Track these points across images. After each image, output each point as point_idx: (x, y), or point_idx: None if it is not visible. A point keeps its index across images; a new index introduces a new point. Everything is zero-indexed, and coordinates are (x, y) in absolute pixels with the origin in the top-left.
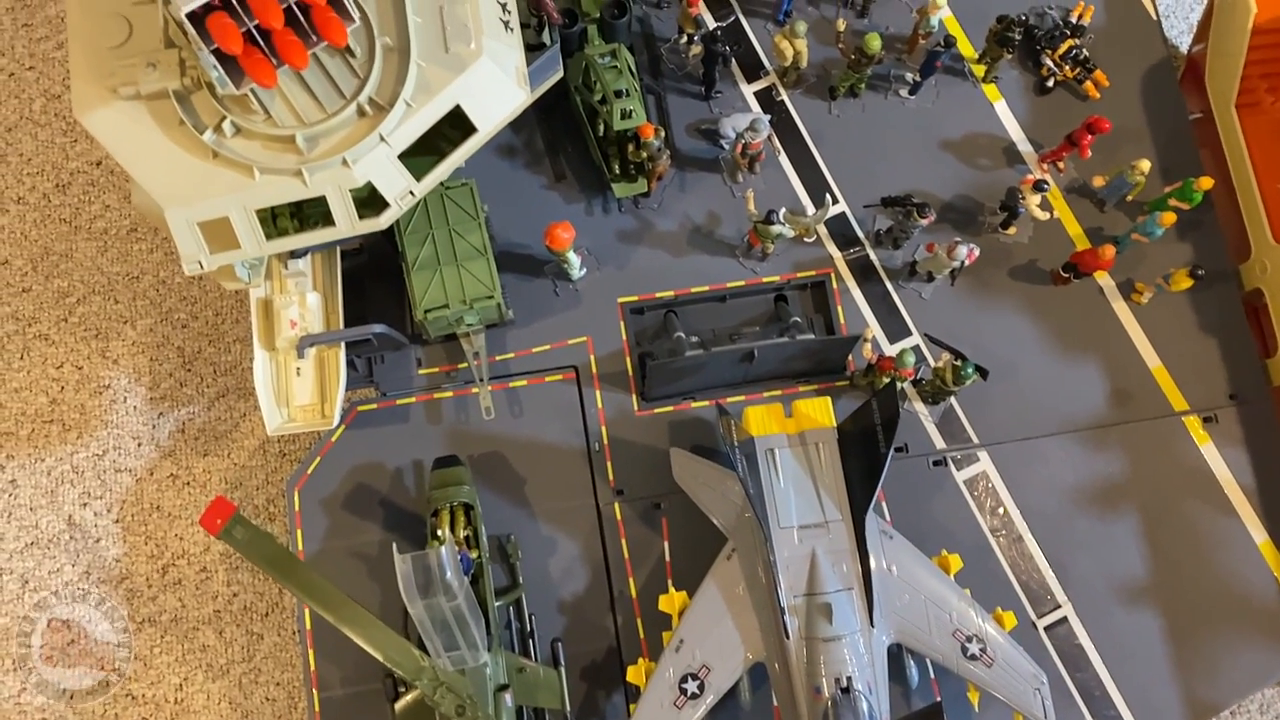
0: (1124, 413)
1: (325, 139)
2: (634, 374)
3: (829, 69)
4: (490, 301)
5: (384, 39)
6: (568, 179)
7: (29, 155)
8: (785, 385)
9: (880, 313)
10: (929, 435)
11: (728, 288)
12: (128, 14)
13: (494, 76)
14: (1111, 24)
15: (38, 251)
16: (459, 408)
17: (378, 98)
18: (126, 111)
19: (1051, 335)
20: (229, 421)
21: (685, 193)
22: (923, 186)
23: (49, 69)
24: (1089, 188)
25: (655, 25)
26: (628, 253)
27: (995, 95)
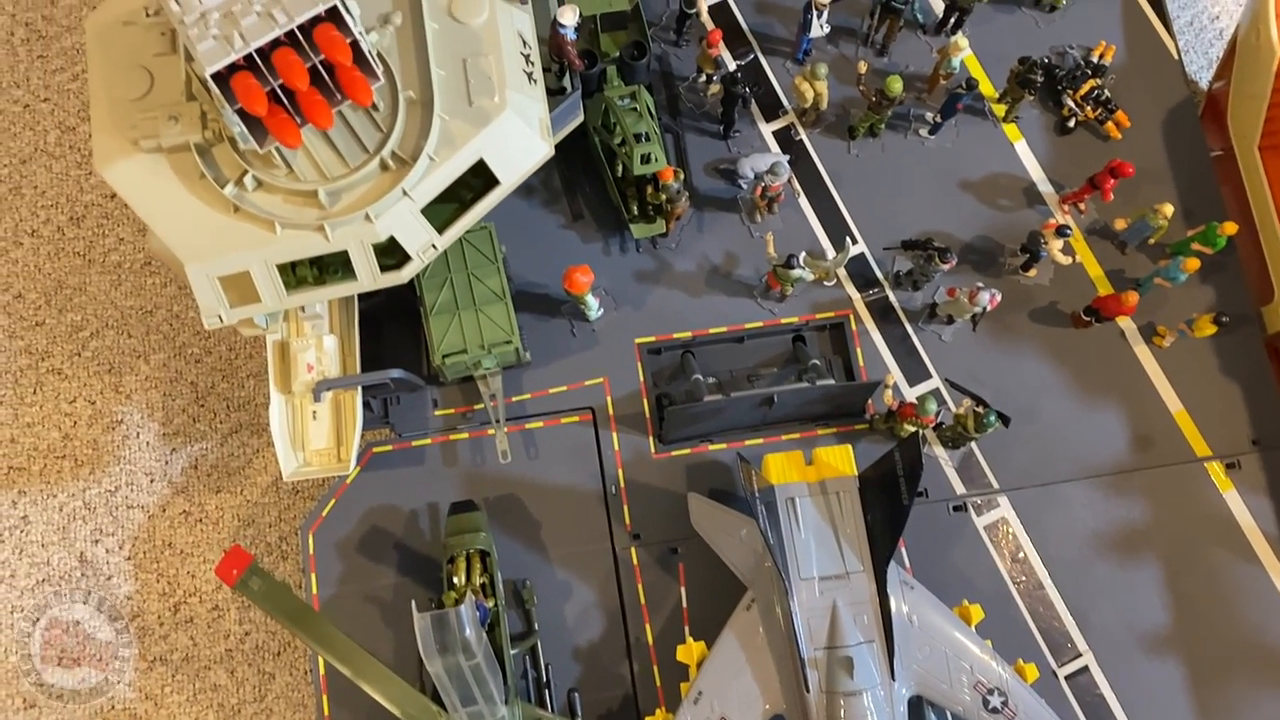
0: (1145, 458)
1: (348, 193)
2: (651, 415)
3: (848, 108)
4: (509, 346)
5: (407, 92)
6: (585, 218)
7: (43, 188)
8: (804, 429)
9: (900, 355)
10: (949, 480)
11: (745, 328)
12: (149, 65)
13: (517, 130)
14: (1133, 63)
15: (51, 285)
16: (475, 450)
17: (401, 151)
18: (148, 165)
19: (1072, 378)
20: (242, 458)
21: (703, 233)
22: (942, 227)
23: (64, 100)
24: (1110, 229)
25: (673, 63)
26: (645, 293)
27: (1016, 135)
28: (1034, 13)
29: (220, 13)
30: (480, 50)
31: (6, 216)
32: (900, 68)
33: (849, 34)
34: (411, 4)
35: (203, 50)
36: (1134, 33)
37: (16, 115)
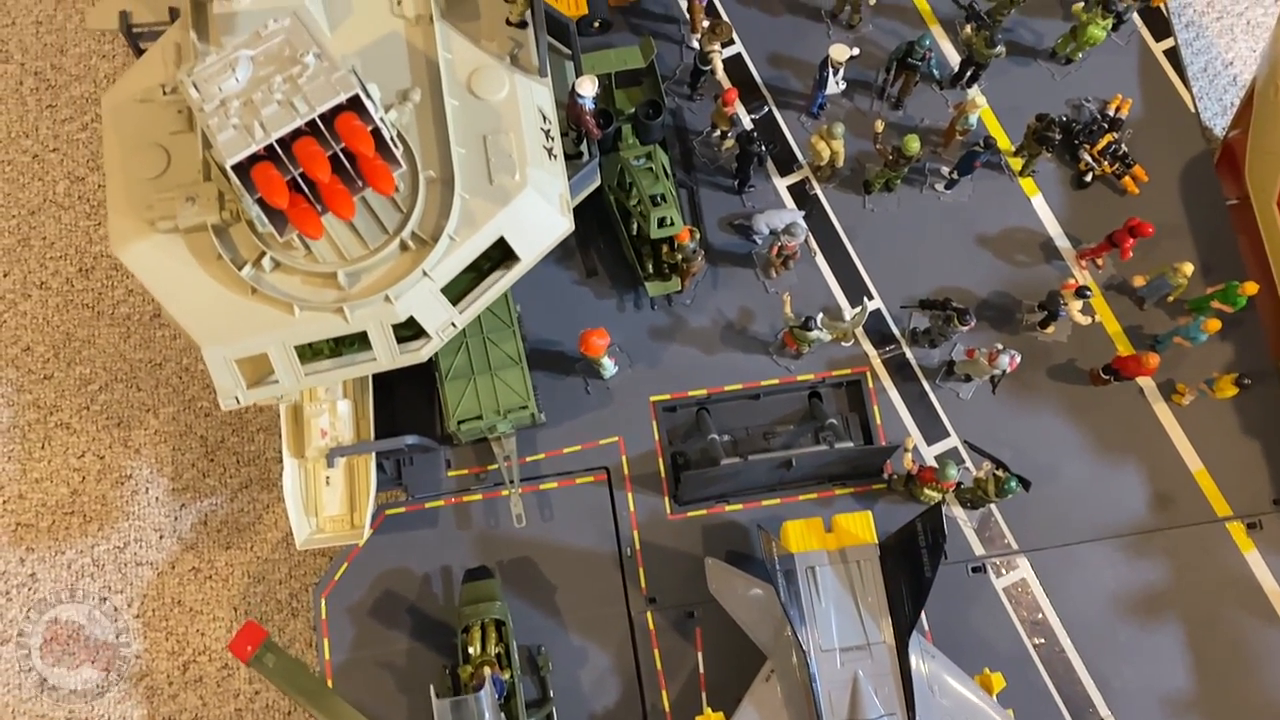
0: (1165, 518)
1: (367, 274)
2: (666, 475)
3: (863, 162)
4: (524, 412)
5: (428, 172)
6: (600, 274)
7: (52, 239)
8: (822, 488)
9: (917, 413)
10: (968, 541)
11: (761, 385)
12: (166, 144)
13: (538, 207)
14: (1149, 116)
15: (60, 338)
16: (489, 511)
17: (421, 231)
18: (164, 246)
19: (1091, 437)
20: (252, 513)
21: (718, 288)
22: (959, 283)
23: (73, 150)
24: (1129, 285)
25: (687, 118)
26: (660, 350)
27: (1032, 189)
28: (1050, 65)
29: (240, 100)
30: (500, 127)
31: (15, 269)
32: (915, 121)
33: (864, 87)
34: (430, 80)
35: (223, 140)
36: (1150, 85)
37: (25, 165)
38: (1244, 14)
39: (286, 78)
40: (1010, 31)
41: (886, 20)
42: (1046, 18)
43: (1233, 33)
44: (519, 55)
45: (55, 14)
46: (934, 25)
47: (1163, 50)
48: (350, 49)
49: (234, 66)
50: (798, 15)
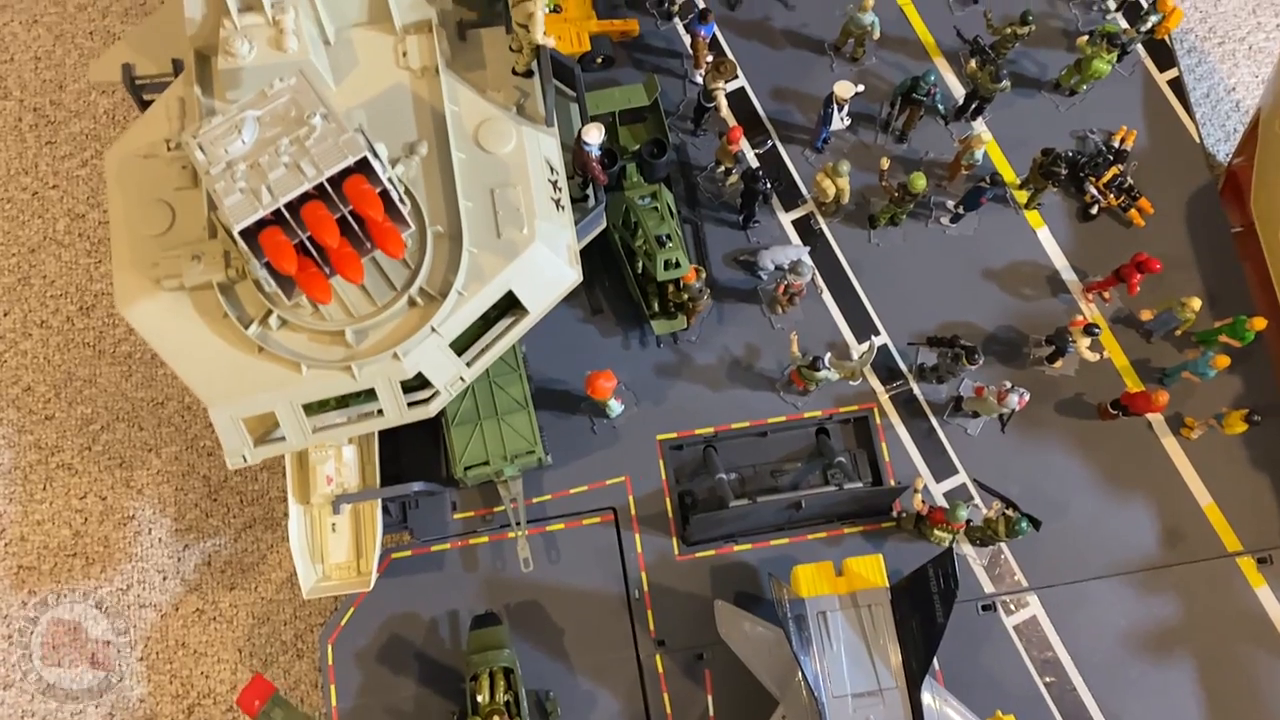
0: (1175, 553)
1: (375, 331)
2: (674, 515)
3: (868, 196)
4: (531, 456)
5: (435, 227)
6: (605, 312)
7: (52, 277)
8: (831, 527)
9: (926, 450)
10: (978, 579)
11: (768, 423)
12: (170, 200)
13: (546, 259)
14: (1154, 147)
15: (61, 377)
16: (495, 554)
17: (429, 287)
18: (169, 304)
19: (1100, 472)
20: (256, 553)
21: (724, 324)
22: (965, 317)
23: (73, 188)
24: (1136, 319)
25: (691, 153)
26: (666, 388)
27: (1038, 222)
28: (1054, 97)
29: (246, 163)
30: (508, 180)
31: (15, 308)
32: (920, 154)
33: (868, 120)
34: (437, 132)
35: (230, 205)
36: (1154, 116)
37: (25, 203)
38: (1246, 39)
39: (293, 139)
40: (1014, 63)
41: (890, 53)
42: (1050, 48)
43: (1235, 58)
44: (525, 105)
45: (54, 50)
46: (937, 57)
47: (1166, 80)
48: (356, 102)
49: (240, 128)
50: (800, 48)
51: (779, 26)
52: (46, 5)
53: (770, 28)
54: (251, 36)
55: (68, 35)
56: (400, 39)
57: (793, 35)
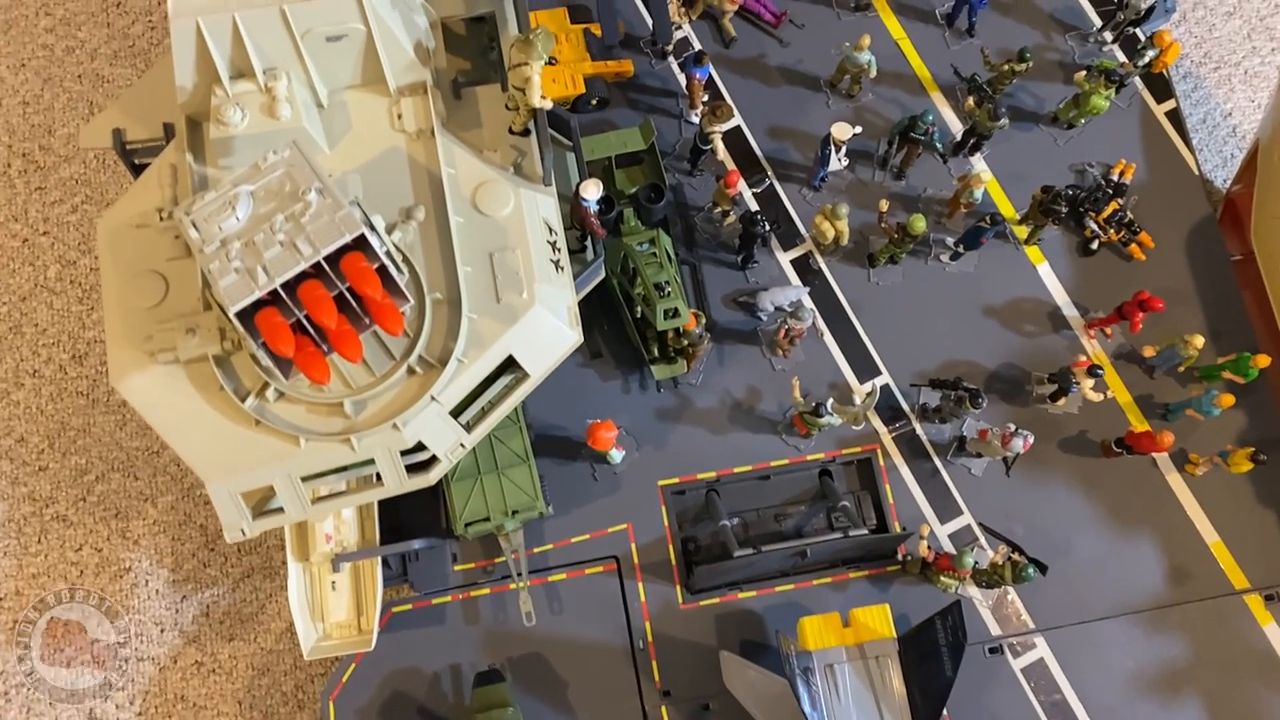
0: (1182, 592)
1: (374, 401)
2: (677, 562)
3: (867, 234)
4: (533, 510)
5: (434, 294)
6: (604, 356)
7: (44, 325)
8: (836, 572)
9: (930, 490)
10: (984, 621)
11: (770, 466)
12: (163, 270)
13: (546, 323)
14: (1153, 180)
15: (54, 427)
16: (497, 606)
17: (428, 355)
18: (164, 378)
19: (1105, 510)
20: (255, 603)
21: (724, 367)
22: (967, 355)
23: (63, 234)
24: (1138, 355)
25: (688, 193)
26: (667, 432)
27: (1038, 257)
28: (1052, 130)
29: (241, 241)
30: (507, 243)
31: (7, 357)
32: (918, 191)
33: (865, 157)
34: (434, 196)
35: (225, 286)
36: (1153, 148)
37: (15, 250)
38: (1241, 64)
39: (289, 215)
40: (1011, 96)
41: (887, 89)
42: (1047, 81)
43: (1231, 83)
44: (522, 164)
45: (42, 94)
46: (934, 92)
47: (1164, 112)
48: (351, 166)
49: (234, 204)
50: (796, 85)
51: (774, 64)
52: (34, 49)
53: (765, 65)
54: (244, 104)
55: (56, 79)
56: (395, 101)
57: (788, 72)
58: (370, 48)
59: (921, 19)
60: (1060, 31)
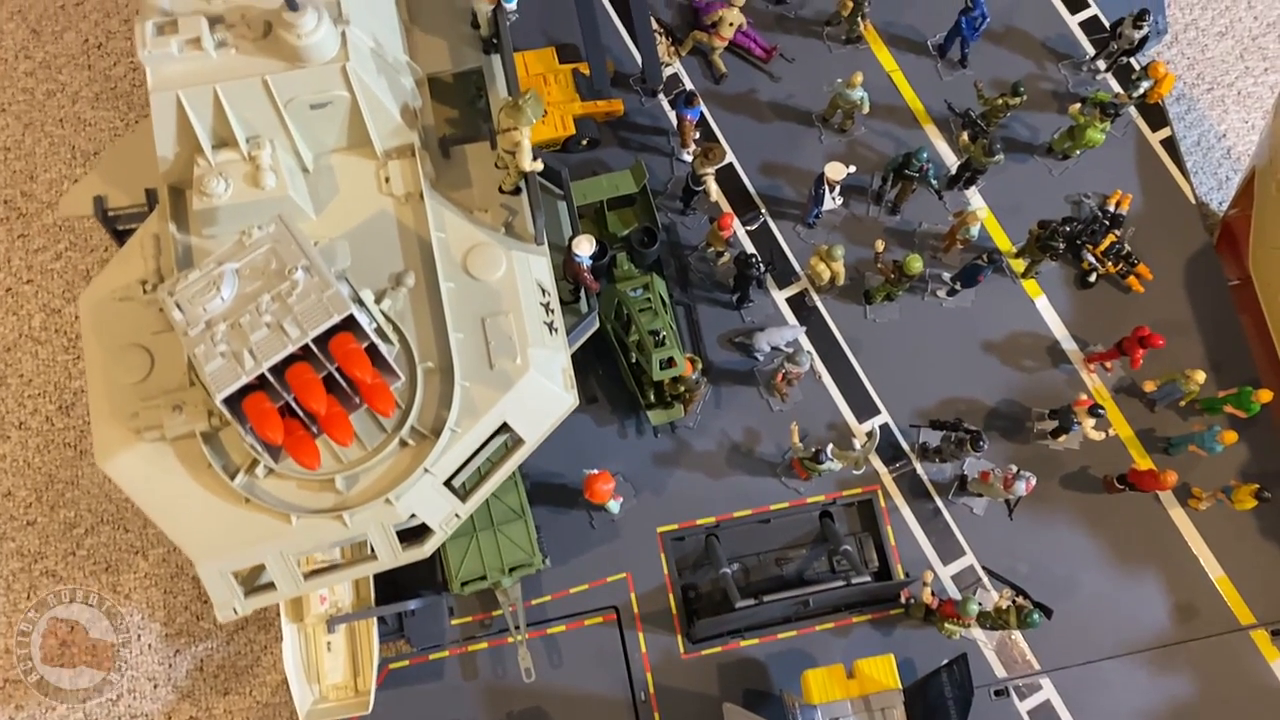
0: (1188, 629)
1: (366, 475)
2: (678, 611)
3: (862, 270)
4: (530, 568)
5: (425, 363)
6: (600, 401)
7: (29, 376)
8: (838, 618)
9: (932, 531)
10: (988, 663)
11: (771, 509)
12: (148, 344)
13: (541, 388)
14: (1149, 209)
15: (42, 480)
16: (495, 660)
17: (421, 426)
18: (151, 456)
19: (1108, 547)
20: (249, 655)
21: (722, 409)
22: (966, 392)
23: (48, 282)
24: (1139, 389)
25: (681, 233)
26: (665, 477)
27: (1036, 291)
28: (1047, 161)
29: (227, 323)
30: (499, 308)
31: None
32: (914, 225)
33: (860, 192)
34: (424, 260)
35: (211, 372)
36: (1149, 177)
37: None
38: (1234, 85)
39: (275, 295)
40: (1005, 127)
41: (879, 122)
42: (1041, 111)
43: (1224, 104)
44: (513, 223)
45: (23, 139)
46: (927, 124)
47: (1159, 140)
48: (338, 232)
49: (218, 284)
50: (788, 120)
51: (765, 99)
52: (14, 93)
53: (756, 101)
54: (227, 174)
55: (37, 123)
56: (382, 164)
57: (779, 107)
58: (356, 114)
59: (913, 50)
60: (1053, 61)
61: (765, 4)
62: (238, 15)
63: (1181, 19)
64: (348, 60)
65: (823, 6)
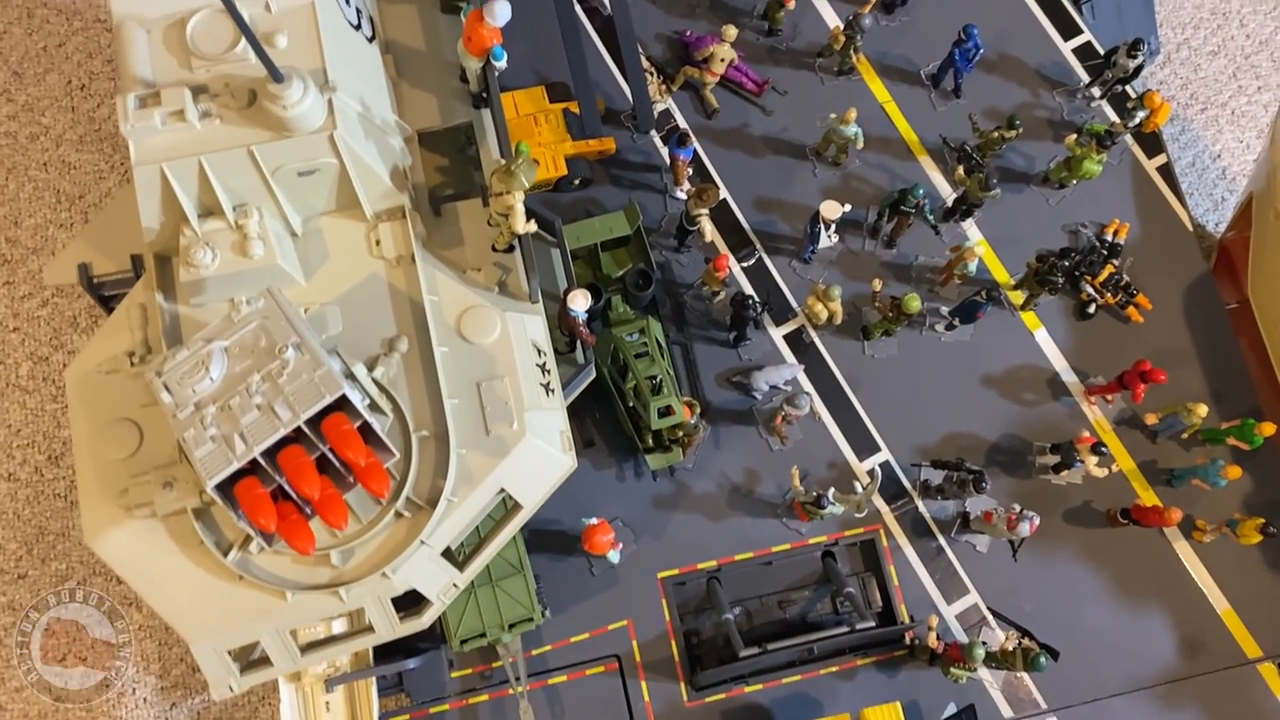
0: (1195, 664)
1: (362, 549)
2: (680, 658)
3: (859, 306)
4: (530, 624)
5: (420, 432)
6: (597, 445)
7: (17, 426)
8: (843, 660)
9: (935, 570)
10: (995, 703)
11: (772, 551)
12: (137, 418)
13: (539, 452)
14: (1147, 237)
15: (32, 533)
16: (496, 712)
17: (416, 497)
18: (141, 533)
19: (1113, 581)
20: (247, 706)
21: (721, 449)
22: (967, 427)
23: (34, 329)
24: (1140, 421)
25: (676, 270)
26: (665, 520)
27: (1035, 323)
28: (1043, 190)
29: (216, 405)
30: (494, 372)
31: None
32: (910, 259)
33: (856, 226)
34: (417, 326)
35: (201, 457)
36: (1145, 204)
37: None
38: (1228, 104)
39: (265, 375)
40: (1000, 157)
41: (874, 154)
42: (1036, 140)
43: (1219, 124)
44: (507, 281)
45: (7, 184)
46: (922, 156)
47: (1155, 167)
48: (329, 297)
49: (207, 363)
50: (782, 154)
51: (758, 133)
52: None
53: (749, 135)
54: (214, 243)
55: (20, 168)
56: (372, 226)
57: (773, 141)
58: (345, 180)
59: (906, 81)
60: (1048, 88)
61: (756, 36)
62: (221, 84)
63: (1174, 38)
64: (335, 129)
65: (814, 38)
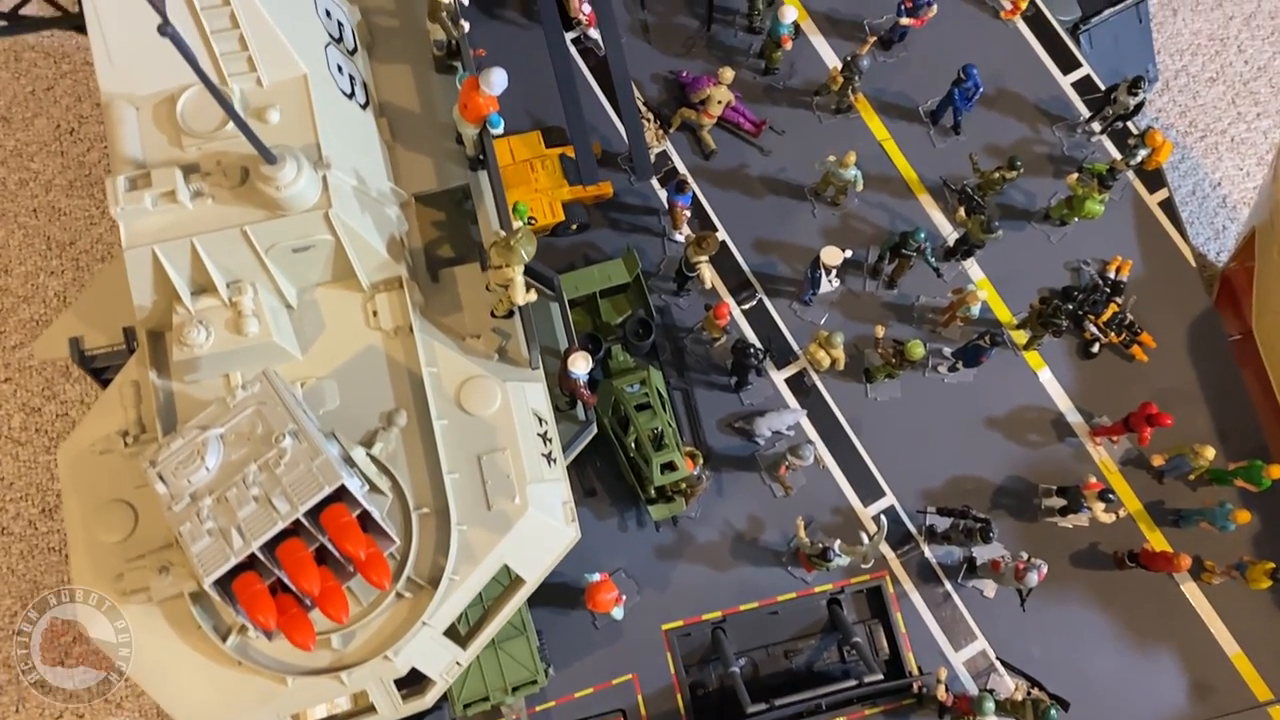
0: (1205, 707)
1: (363, 631)
2: (686, 711)
3: (860, 348)
4: (534, 686)
5: (420, 509)
6: (599, 494)
7: (10, 479)
8: (851, 711)
9: (942, 617)
10: None
11: (778, 600)
12: (132, 499)
13: (542, 525)
14: (1150, 274)
15: (26, 588)
16: None
17: (417, 577)
18: (138, 619)
19: (1122, 625)
20: None
21: (724, 497)
22: (971, 470)
23: (26, 380)
24: (1146, 462)
25: (675, 314)
26: (668, 571)
27: (1038, 363)
28: (1044, 227)
29: (213, 497)
30: (495, 444)
31: None
32: (911, 299)
33: (856, 266)
34: (416, 396)
35: (197, 552)
36: (1147, 240)
37: None
38: (1227, 131)
39: (262, 465)
40: (1001, 194)
41: (873, 193)
42: (1037, 176)
43: (1218, 151)
44: (507, 348)
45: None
46: (921, 194)
47: (1157, 202)
48: (326, 370)
49: (202, 453)
50: (780, 195)
51: (756, 174)
52: None
53: (747, 176)
54: (208, 320)
55: (10, 214)
56: (369, 297)
57: (771, 182)
58: (340, 254)
59: (905, 118)
60: (1047, 124)
61: (753, 75)
62: (213, 162)
63: (1172, 65)
64: (330, 206)
65: (812, 75)
